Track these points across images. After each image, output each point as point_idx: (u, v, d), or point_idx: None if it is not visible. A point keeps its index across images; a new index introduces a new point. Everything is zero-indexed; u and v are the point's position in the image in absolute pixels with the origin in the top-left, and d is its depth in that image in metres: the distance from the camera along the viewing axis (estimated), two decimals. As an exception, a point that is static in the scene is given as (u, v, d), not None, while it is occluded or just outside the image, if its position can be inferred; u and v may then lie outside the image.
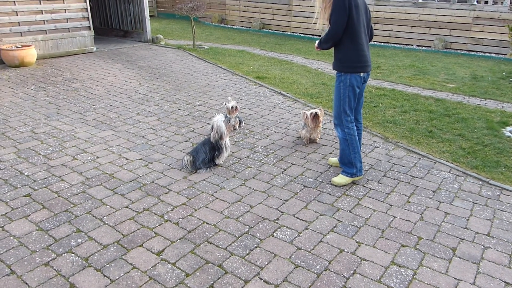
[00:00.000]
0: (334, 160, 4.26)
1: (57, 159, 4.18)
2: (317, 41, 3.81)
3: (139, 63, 8.45)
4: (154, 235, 3.04)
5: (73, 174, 3.88)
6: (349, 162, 3.83)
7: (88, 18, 9.08)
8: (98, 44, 9.93)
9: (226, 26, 14.80)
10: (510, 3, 11.40)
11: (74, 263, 2.71)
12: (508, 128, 5.41)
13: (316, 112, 4.57)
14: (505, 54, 10.11)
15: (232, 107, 4.89)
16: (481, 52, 10.50)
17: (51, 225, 3.10)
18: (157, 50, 9.80)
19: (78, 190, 3.60)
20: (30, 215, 3.22)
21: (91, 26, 9.19)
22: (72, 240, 2.94)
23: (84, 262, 2.73)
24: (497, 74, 8.32)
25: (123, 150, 4.44)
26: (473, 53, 10.49)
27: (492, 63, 9.43)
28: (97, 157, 4.24)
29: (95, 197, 3.50)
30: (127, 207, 3.38)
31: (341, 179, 3.86)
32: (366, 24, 3.65)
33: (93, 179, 3.79)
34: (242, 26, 14.57)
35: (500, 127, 5.40)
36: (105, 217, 3.22)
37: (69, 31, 8.88)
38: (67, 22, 8.81)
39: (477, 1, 10.86)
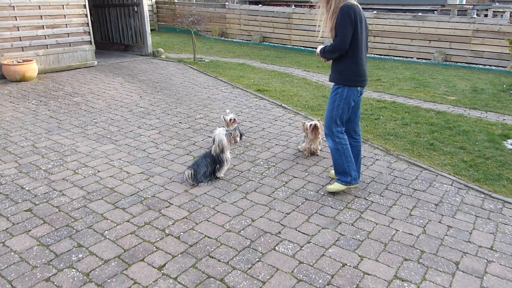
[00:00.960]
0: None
1: (58, 173, 4.17)
2: (319, 47, 3.78)
3: (140, 77, 8.50)
4: (155, 249, 3.02)
5: (74, 188, 3.87)
6: (343, 171, 3.84)
7: (89, 32, 9.16)
8: (99, 58, 10.00)
9: (226, 39, 14.92)
10: (510, 16, 11.50)
11: (75, 278, 2.69)
12: (510, 141, 5.41)
13: (315, 124, 4.58)
14: (505, 67, 10.17)
15: (230, 119, 4.89)
16: (481, 64, 10.55)
17: (52, 240, 3.08)
18: (158, 64, 9.87)
19: (79, 205, 3.59)
20: (31, 230, 3.21)
21: (92, 40, 9.27)
22: (73, 255, 2.92)
23: (85, 277, 2.71)
24: (497, 87, 8.36)
25: (124, 163, 4.43)
26: (473, 65, 10.54)
27: (492, 76, 9.47)
28: (98, 171, 4.23)
29: (96, 211, 3.49)
30: (128, 221, 3.36)
31: (336, 186, 3.90)
32: (366, 39, 3.68)
33: (94, 193, 3.78)
34: (242, 40, 14.69)
35: (501, 140, 5.40)
36: (106, 232, 3.20)
37: (70, 46, 8.96)
38: (68, 36, 8.89)
39: (476, 14, 10.96)
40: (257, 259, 2.95)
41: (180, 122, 5.79)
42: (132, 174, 4.19)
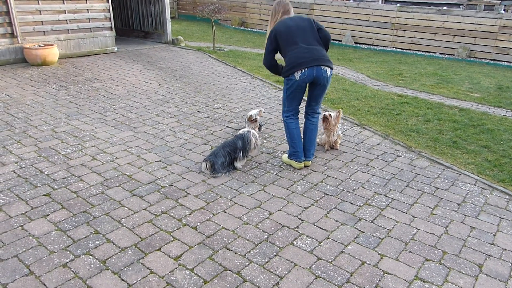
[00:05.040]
0: (285, 157, 4.40)
1: (77, 158, 4.18)
2: None
3: (159, 64, 8.48)
4: (172, 239, 2.99)
5: (92, 174, 3.88)
6: (288, 144, 4.24)
7: (110, 18, 9.17)
8: (119, 44, 10.02)
9: (246, 29, 14.80)
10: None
11: (92, 265, 2.69)
12: (536, 140, 5.22)
13: (324, 115, 4.52)
14: (532, 64, 9.85)
15: (250, 116, 4.81)
16: (506, 62, 10.24)
17: (69, 226, 3.09)
18: (177, 52, 9.84)
19: (97, 191, 3.59)
20: (49, 214, 3.22)
21: (113, 26, 9.28)
22: (90, 242, 2.91)
23: (101, 264, 2.70)
24: (523, 85, 8.09)
25: (142, 151, 4.42)
26: (498, 62, 10.24)
27: (518, 73, 9.18)
28: (116, 158, 4.23)
29: (113, 198, 3.49)
30: (145, 209, 3.35)
31: (285, 158, 4.33)
32: (304, 33, 3.90)
33: (112, 180, 3.78)
34: (262, 30, 14.54)
35: (527, 140, 5.22)
36: (123, 219, 3.19)
37: (91, 31, 8.98)
38: (89, 22, 8.90)
39: (504, 10, 10.60)
40: (275, 253, 2.90)
41: (198, 111, 5.75)
42: (149, 162, 4.17)
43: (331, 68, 3.95)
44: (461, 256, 2.99)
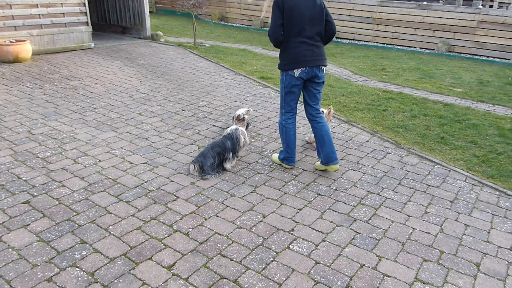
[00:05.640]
0: (318, 163, 4.13)
1: (57, 162, 3.97)
2: None
3: (139, 61, 8.23)
4: (164, 247, 2.85)
5: (74, 179, 3.68)
6: (283, 148, 4.06)
7: (85, 13, 8.83)
8: (96, 40, 9.69)
9: (226, 24, 14.59)
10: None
11: (79, 278, 2.52)
12: (520, 135, 5.28)
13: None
14: (509, 59, 10.03)
15: (238, 115, 4.67)
16: (484, 56, 10.40)
17: (53, 236, 2.90)
18: (157, 48, 9.58)
19: (81, 197, 3.40)
20: (29, 224, 3.02)
21: (89, 21, 8.95)
22: (76, 253, 2.74)
23: (90, 277, 2.54)
24: (503, 80, 8.22)
25: (126, 153, 4.24)
26: (476, 57, 10.39)
27: (496, 68, 9.33)
28: (99, 161, 4.04)
29: (98, 204, 3.31)
30: (133, 215, 3.19)
31: (275, 157, 4.20)
32: (312, 20, 3.62)
33: (96, 185, 3.60)
34: (242, 24, 14.37)
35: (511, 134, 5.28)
36: (110, 227, 3.03)
37: (66, 26, 8.63)
38: (64, 16, 8.55)
39: (482, 5, 10.75)
40: (271, 259, 2.80)
41: (182, 110, 5.58)
42: (135, 164, 4.00)
43: (326, 66, 3.85)
44: (458, 256, 2.96)
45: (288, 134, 3.97)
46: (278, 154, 4.19)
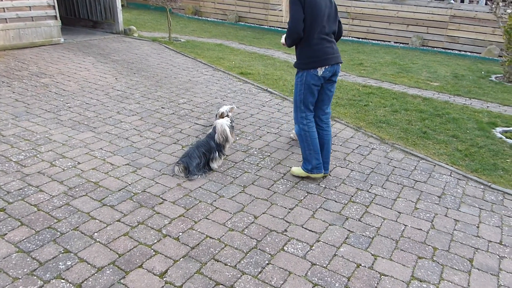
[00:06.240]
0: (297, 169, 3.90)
1: (32, 165, 3.74)
2: (283, 36, 3.61)
3: (113, 57, 7.93)
4: (154, 253, 2.72)
5: (52, 183, 3.47)
6: (305, 158, 3.73)
7: (54, 6, 8.42)
8: (65, 35, 9.28)
9: (200, 18, 14.33)
10: (486, 3, 11.59)
11: (66, 291, 2.37)
12: (498, 129, 5.40)
13: None
14: (480, 53, 10.29)
15: (222, 113, 4.55)
16: (456, 50, 10.63)
17: (33, 246, 2.71)
18: (130, 43, 9.28)
19: (61, 202, 3.21)
20: (6, 234, 2.82)
21: (58, 15, 8.54)
22: (60, 263, 2.57)
23: (77, 290, 2.38)
24: (476, 73, 8.41)
25: (106, 154, 4.05)
26: (449, 51, 10.60)
27: (469, 62, 9.55)
28: (78, 163, 3.83)
29: (81, 210, 3.13)
30: (119, 220, 3.03)
31: (298, 170, 3.83)
32: (328, 17, 3.47)
33: (77, 189, 3.40)
34: (217, 19, 14.15)
35: (490, 128, 5.38)
36: (95, 234, 2.86)
37: (32, 20, 8.21)
38: (31, 10, 8.13)
39: (453, 0, 10.97)
40: (267, 262, 2.72)
41: (162, 107, 5.40)
42: (117, 166, 3.82)
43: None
44: (451, 252, 2.97)
45: (312, 138, 3.64)
46: (299, 167, 3.84)
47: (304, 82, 3.53)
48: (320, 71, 3.47)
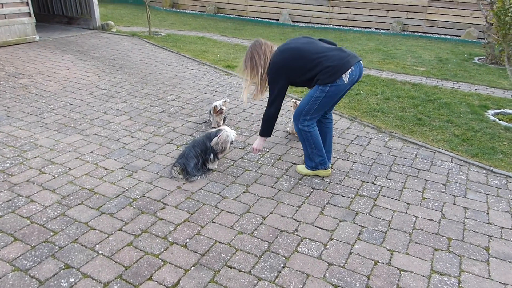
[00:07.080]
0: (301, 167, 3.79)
1: (20, 174, 3.50)
2: (256, 142, 3.63)
3: (92, 54, 7.60)
4: (162, 263, 2.56)
5: (44, 192, 3.25)
6: (308, 156, 3.61)
7: (27, 2, 8.03)
8: (40, 32, 8.86)
9: (178, 10, 13.97)
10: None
11: (73, 312, 2.19)
12: (490, 111, 5.41)
13: (295, 101, 4.30)
14: (459, 36, 10.36)
15: (215, 106, 4.38)
16: (436, 34, 10.69)
17: (30, 263, 2.51)
18: (109, 38, 8.93)
19: (55, 213, 3.00)
20: (0, 251, 2.61)
21: (32, 12, 8.14)
22: (63, 280, 2.39)
23: (85, 310, 2.21)
24: (459, 56, 8.45)
25: (98, 158, 3.83)
26: (429, 35, 10.64)
27: (450, 45, 9.60)
28: (69, 169, 3.61)
29: (78, 220, 2.93)
30: (120, 229, 2.85)
31: (303, 169, 3.71)
32: (315, 42, 3.40)
33: (71, 197, 3.19)
34: (195, 11, 13.82)
35: (482, 111, 5.38)
36: (97, 246, 2.68)
37: (5, 18, 7.80)
38: (3, 7, 7.72)
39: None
40: (282, 265, 2.60)
41: (151, 105, 5.18)
42: (111, 170, 3.61)
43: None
44: (466, 241, 2.91)
45: (314, 137, 3.48)
46: (303, 166, 3.72)
47: (321, 94, 3.28)
48: (346, 78, 3.21)
